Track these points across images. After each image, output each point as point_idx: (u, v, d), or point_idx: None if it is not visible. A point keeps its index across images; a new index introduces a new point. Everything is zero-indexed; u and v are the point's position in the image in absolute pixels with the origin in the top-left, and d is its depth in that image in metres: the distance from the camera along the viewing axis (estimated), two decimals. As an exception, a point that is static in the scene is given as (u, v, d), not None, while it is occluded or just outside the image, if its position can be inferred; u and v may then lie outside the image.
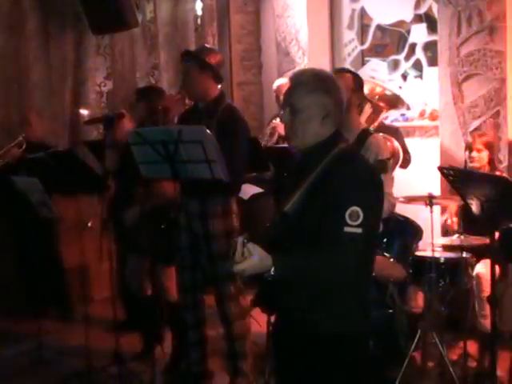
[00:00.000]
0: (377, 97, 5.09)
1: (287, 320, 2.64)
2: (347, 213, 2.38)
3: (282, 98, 7.03)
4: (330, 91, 2.55)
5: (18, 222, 5.95)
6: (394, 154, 4.87)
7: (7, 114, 6.77)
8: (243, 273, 2.44)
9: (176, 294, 4.51)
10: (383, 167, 3.97)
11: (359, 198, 2.41)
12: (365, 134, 3.96)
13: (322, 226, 2.42)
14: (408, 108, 6.41)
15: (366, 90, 5.10)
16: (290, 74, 3.12)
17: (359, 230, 2.38)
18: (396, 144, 4.85)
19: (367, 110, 4.93)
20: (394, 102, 5.27)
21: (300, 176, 2.58)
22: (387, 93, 5.21)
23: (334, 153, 2.52)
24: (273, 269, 2.43)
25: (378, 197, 2.55)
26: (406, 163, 5.35)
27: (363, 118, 4.79)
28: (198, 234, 4.22)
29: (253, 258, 2.40)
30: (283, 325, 2.69)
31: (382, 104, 5.05)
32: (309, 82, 2.57)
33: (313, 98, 2.54)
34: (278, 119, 6.23)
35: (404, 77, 6.63)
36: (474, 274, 4.52)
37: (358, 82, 4.18)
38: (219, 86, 4.26)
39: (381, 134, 4.88)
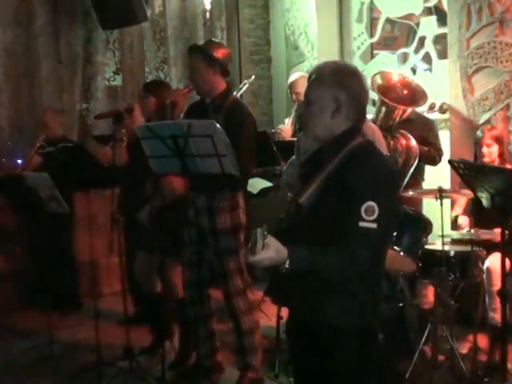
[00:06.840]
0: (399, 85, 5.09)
1: (299, 312, 2.66)
2: (363, 208, 2.38)
3: (293, 94, 6.97)
4: (344, 85, 2.52)
5: (30, 217, 5.97)
6: (408, 151, 4.81)
7: (18, 110, 6.79)
8: (259, 264, 2.44)
9: (183, 289, 4.51)
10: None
11: (375, 193, 2.41)
12: None
13: (337, 219, 2.43)
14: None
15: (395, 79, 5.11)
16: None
17: (374, 225, 2.39)
18: (413, 142, 4.79)
19: (382, 110, 4.94)
20: (418, 96, 5.19)
21: (315, 168, 2.57)
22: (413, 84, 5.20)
23: (350, 147, 2.51)
24: (288, 261, 2.43)
25: (393, 192, 2.58)
26: (431, 160, 5.19)
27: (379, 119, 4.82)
28: (205, 229, 4.22)
29: (270, 250, 2.40)
30: (296, 317, 2.71)
31: (398, 104, 5.01)
32: (323, 74, 2.56)
33: (324, 91, 2.53)
34: (286, 120, 6.19)
35: (413, 70, 6.60)
36: (484, 267, 4.50)
37: None
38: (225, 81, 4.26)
39: (401, 130, 4.87)
